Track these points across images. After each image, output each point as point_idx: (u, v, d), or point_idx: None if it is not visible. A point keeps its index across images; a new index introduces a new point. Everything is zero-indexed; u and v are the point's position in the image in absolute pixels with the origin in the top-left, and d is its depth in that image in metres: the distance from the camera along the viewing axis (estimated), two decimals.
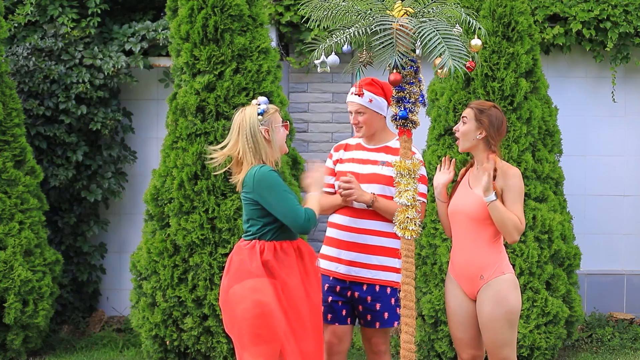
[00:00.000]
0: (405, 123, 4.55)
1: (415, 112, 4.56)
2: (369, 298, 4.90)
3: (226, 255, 6.44)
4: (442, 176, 4.90)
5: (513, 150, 6.50)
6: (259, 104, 4.52)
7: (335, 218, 4.96)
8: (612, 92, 7.70)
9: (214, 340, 6.49)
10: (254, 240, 4.47)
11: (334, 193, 4.96)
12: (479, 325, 4.75)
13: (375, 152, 4.99)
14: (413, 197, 4.54)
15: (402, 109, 4.52)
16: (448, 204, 4.87)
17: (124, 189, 7.92)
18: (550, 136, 6.83)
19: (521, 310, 6.37)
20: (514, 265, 6.39)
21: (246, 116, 4.51)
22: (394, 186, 4.58)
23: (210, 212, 6.46)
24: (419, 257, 6.69)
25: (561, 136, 6.93)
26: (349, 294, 4.93)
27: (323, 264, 4.90)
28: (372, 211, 4.88)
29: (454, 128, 4.83)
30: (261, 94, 6.64)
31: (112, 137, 7.81)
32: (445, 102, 6.68)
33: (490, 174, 4.56)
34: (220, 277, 6.41)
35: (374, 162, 4.96)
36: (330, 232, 5.00)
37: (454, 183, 4.97)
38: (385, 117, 5.00)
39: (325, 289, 4.88)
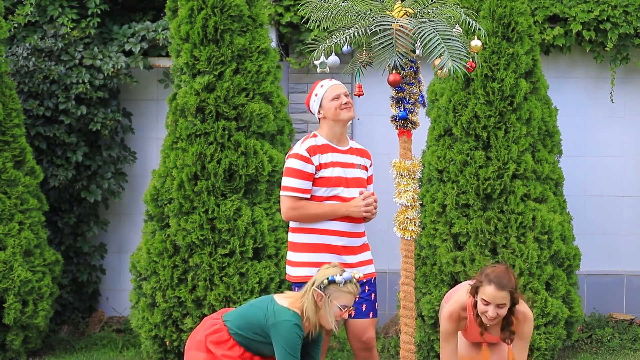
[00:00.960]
0: (404, 124, 4.55)
1: (415, 113, 4.56)
2: (366, 288, 4.99)
3: (226, 255, 6.44)
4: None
5: (513, 150, 6.50)
6: (339, 275, 4.43)
7: (335, 225, 4.94)
8: (611, 92, 7.70)
9: None
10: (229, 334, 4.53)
11: (310, 198, 4.93)
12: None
13: (349, 155, 5.05)
14: (413, 198, 4.54)
15: (402, 110, 4.52)
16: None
17: (124, 189, 7.92)
18: (550, 137, 6.82)
19: None
20: (513, 266, 6.39)
21: (321, 272, 4.50)
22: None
23: (210, 212, 6.46)
24: (419, 258, 6.69)
25: (561, 137, 6.93)
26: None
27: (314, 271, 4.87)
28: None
29: (487, 313, 4.60)
30: (261, 94, 6.65)
31: (112, 137, 7.81)
32: (445, 102, 6.68)
33: None
34: (220, 278, 6.42)
35: (352, 165, 5.03)
36: (326, 239, 4.96)
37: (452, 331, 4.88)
38: None
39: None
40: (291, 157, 4.94)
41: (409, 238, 4.55)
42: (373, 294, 5.03)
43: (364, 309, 4.96)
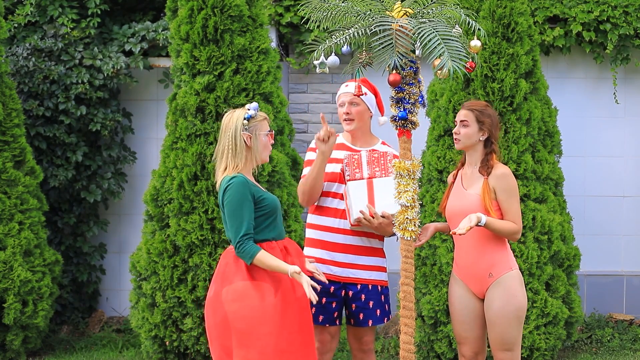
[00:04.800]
0: (404, 124, 4.55)
1: (414, 113, 4.57)
2: (362, 296, 4.94)
3: None
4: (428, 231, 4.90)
5: (513, 151, 6.50)
6: (249, 109, 4.52)
7: (328, 221, 4.94)
8: (614, 93, 7.70)
9: None
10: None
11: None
12: (487, 323, 4.76)
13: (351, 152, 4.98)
14: (412, 198, 4.54)
15: (402, 110, 4.52)
16: (444, 207, 4.88)
17: (124, 189, 7.92)
18: (550, 137, 6.83)
19: None
20: None
21: (233, 118, 4.52)
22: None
23: (209, 212, 6.46)
24: (419, 258, 6.69)
25: (561, 137, 6.93)
26: (342, 293, 4.96)
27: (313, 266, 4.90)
28: None
29: (454, 131, 4.82)
30: (261, 95, 6.65)
31: (111, 137, 7.81)
32: (445, 103, 6.68)
33: (472, 222, 4.54)
34: None
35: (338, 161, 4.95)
36: (320, 235, 4.96)
37: (448, 185, 4.98)
38: (372, 115, 5.03)
39: (319, 290, 4.87)
40: None
41: (408, 238, 4.55)
42: (371, 302, 4.96)
43: (361, 318, 4.96)
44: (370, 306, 4.94)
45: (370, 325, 4.97)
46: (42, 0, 7.73)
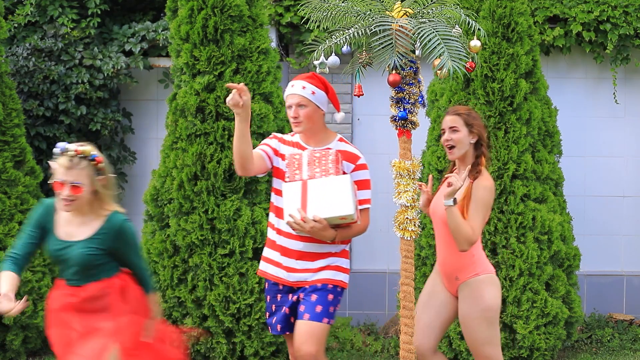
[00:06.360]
0: (404, 124, 4.56)
1: (414, 113, 4.57)
2: (311, 295, 4.59)
3: (226, 256, 6.44)
4: (422, 196, 4.85)
5: (513, 151, 6.50)
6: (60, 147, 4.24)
7: (281, 224, 4.63)
8: (614, 93, 7.70)
9: (213, 341, 6.49)
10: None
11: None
12: (461, 324, 4.74)
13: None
14: (412, 198, 4.54)
15: (402, 110, 4.52)
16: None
17: (124, 189, 7.92)
18: (550, 137, 6.83)
19: (521, 310, 6.38)
20: (513, 267, 6.40)
21: None
22: None
23: (209, 212, 6.46)
24: (419, 258, 6.69)
25: (561, 137, 6.93)
26: (295, 298, 4.66)
27: (270, 269, 4.70)
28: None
29: (443, 139, 4.68)
30: (261, 95, 6.65)
31: (111, 137, 7.81)
32: (445, 103, 6.68)
33: (456, 183, 4.42)
34: (220, 278, 6.42)
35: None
36: (275, 236, 4.69)
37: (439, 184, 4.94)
38: (325, 113, 4.68)
39: (278, 299, 4.69)
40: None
41: (408, 238, 4.55)
42: (315, 296, 4.56)
43: (301, 310, 4.58)
44: (313, 300, 4.56)
45: (306, 319, 4.54)
46: (42, 0, 7.73)
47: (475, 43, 4.51)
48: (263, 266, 4.75)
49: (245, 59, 6.63)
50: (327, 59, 4.59)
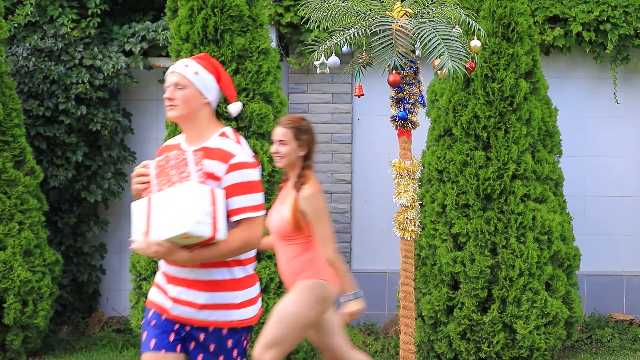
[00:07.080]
0: (404, 124, 4.56)
1: (414, 113, 4.58)
2: (201, 336, 3.72)
3: None
4: None
5: (513, 151, 6.50)
6: None
7: None
8: (614, 93, 7.70)
9: None
10: None
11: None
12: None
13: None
14: (412, 198, 4.54)
15: (402, 110, 4.53)
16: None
17: (124, 189, 7.92)
18: (550, 137, 6.83)
19: (521, 311, 6.38)
20: (513, 267, 6.40)
21: None
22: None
23: None
24: (419, 258, 6.69)
25: (561, 137, 6.93)
26: (181, 329, 3.77)
27: (153, 293, 3.84)
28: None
29: (271, 149, 4.64)
30: (261, 95, 6.65)
31: (111, 137, 7.81)
32: (445, 103, 6.68)
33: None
34: None
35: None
36: (162, 265, 3.80)
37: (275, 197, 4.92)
38: (210, 103, 3.76)
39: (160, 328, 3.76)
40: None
41: (408, 238, 4.56)
42: (212, 346, 3.70)
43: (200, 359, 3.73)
44: (211, 350, 3.71)
45: None
46: (42, 0, 7.73)
47: (475, 43, 4.51)
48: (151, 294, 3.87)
49: (245, 59, 6.63)
50: (327, 59, 4.59)
